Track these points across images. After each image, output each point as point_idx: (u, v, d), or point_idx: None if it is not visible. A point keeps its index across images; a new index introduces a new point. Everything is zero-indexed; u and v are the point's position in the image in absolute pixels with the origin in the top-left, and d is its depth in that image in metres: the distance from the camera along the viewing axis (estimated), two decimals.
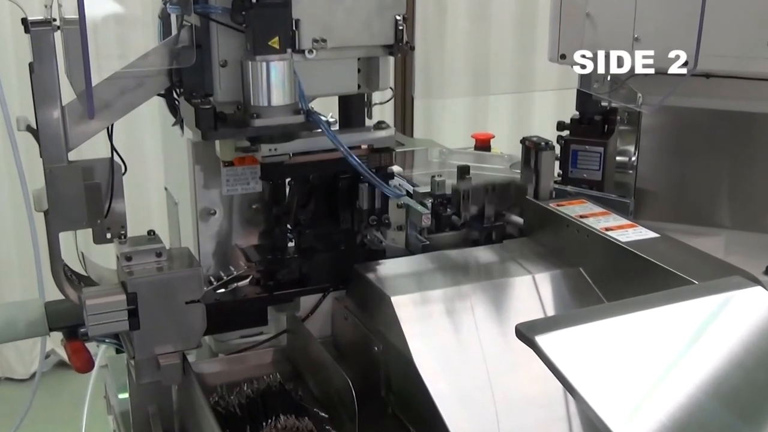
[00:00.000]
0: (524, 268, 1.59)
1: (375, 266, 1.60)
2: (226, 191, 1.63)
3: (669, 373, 1.08)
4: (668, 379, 1.07)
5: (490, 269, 1.62)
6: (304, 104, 1.44)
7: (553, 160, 1.77)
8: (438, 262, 1.63)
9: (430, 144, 2.29)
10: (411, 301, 1.46)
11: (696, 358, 1.10)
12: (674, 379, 1.07)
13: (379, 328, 1.49)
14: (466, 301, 1.48)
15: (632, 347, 1.10)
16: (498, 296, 1.51)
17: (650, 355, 1.09)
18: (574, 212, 1.67)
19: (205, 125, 1.40)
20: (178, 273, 1.41)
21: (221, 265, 1.66)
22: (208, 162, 1.61)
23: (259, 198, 1.66)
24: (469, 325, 1.45)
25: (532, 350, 1.07)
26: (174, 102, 1.56)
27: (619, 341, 1.11)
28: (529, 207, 1.76)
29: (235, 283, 1.60)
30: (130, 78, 1.42)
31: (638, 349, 1.10)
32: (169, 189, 1.88)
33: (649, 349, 1.10)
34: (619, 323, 1.13)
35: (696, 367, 1.09)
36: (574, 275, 1.56)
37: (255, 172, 1.62)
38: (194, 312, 1.41)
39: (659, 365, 1.08)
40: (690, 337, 1.13)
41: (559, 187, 1.83)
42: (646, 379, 1.06)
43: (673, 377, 1.07)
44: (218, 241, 1.66)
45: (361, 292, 1.57)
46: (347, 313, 1.59)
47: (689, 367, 1.09)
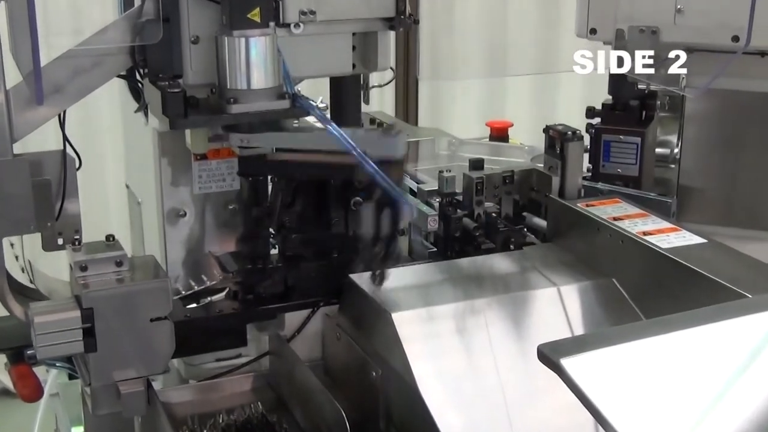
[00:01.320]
0: (548, 279, 1.59)
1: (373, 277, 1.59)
2: (198, 189, 1.64)
3: (716, 403, 1.08)
4: (715, 410, 1.07)
5: (507, 280, 1.62)
6: (289, 87, 1.44)
7: (581, 152, 1.78)
8: (446, 271, 1.64)
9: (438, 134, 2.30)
10: (415, 318, 1.46)
11: (748, 386, 1.09)
12: (722, 410, 1.07)
13: (377, 350, 1.49)
14: (480, 317, 1.48)
15: (673, 372, 1.10)
16: (517, 312, 1.51)
17: (694, 382, 1.10)
18: (607, 213, 1.67)
19: (174, 112, 1.40)
20: (141, 285, 1.42)
21: (192, 276, 1.67)
22: (176, 155, 1.62)
23: (237, 197, 1.66)
24: (483, 347, 1.45)
25: (557, 375, 1.07)
26: (137, 85, 1.56)
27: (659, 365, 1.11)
28: (553, 207, 1.76)
29: (208, 296, 1.61)
30: (86, 57, 1.42)
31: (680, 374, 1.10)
32: (131, 187, 1.90)
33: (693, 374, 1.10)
34: (659, 344, 1.13)
35: (748, 397, 1.08)
36: (607, 287, 1.57)
37: (232, 167, 1.63)
38: (161, 331, 1.42)
39: (705, 394, 1.09)
40: (742, 360, 1.12)
41: (588, 184, 1.84)
42: (690, 409, 1.07)
43: (720, 408, 1.07)
44: (189, 248, 1.67)
45: (357, 307, 1.57)
46: (340, 331, 1.59)
47: (740, 396, 1.08)
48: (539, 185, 1.82)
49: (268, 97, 1.43)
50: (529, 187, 1.84)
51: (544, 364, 1.09)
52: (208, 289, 1.62)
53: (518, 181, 1.82)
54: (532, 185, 1.83)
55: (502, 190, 1.81)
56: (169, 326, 1.43)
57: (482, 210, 1.77)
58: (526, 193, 1.84)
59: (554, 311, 1.53)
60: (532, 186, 1.83)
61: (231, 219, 1.68)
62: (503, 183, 1.80)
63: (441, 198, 1.75)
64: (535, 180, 1.83)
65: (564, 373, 1.06)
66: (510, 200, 1.82)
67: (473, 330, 1.47)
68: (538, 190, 1.82)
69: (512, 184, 1.81)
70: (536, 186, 1.83)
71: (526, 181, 1.83)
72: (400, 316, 1.45)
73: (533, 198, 1.84)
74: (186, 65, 1.46)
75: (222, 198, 1.66)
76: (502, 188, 1.81)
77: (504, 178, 1.80)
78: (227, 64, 1.41)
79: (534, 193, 1.83)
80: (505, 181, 1.81)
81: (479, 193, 1.76)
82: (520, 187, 1.83)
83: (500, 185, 1.80)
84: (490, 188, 1.79)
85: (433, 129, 2.45)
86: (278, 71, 1.43)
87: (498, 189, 1.81)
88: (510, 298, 1.53)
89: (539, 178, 1.82)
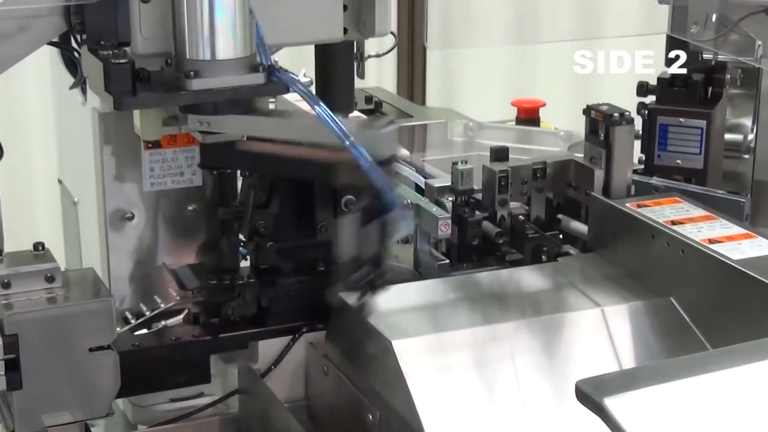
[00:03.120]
0: (589, 299, 1.60)
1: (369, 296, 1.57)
2: (150, 185, 1.64)
3: None
4: None
5: (538, 300, 1.62)
6: (264, 57, 1.44)
7: (632, 138, 1.78)
8: (462, 289, 1.64)
9: (450, 115, 2.30)
10: (422, 348, 1.46)
11: None
12: None
13: (374, 388, 1.49)
14: (504, 347, 1.48)
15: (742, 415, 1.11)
16: (550, 340, 1.51)
17: None
18: (663, 216, 1.67)
19: (119, 88, 1.40)
20: (78, 306, 1.42)
21: (142, 295, 1.67)
22: (122, 142, 1.62)
23: (199, 196, 1.67)
24: (507, 383, 1.45)
25: (600, 418, 1.08)
26: (72, 55, 1.56)
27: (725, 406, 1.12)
28: (596, 208, 1.76)
29: (162, 320, 1.61)
30: (8, 20, 1.42)
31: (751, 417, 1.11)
32: (64, 182, 1.90)
33: None
34: (724, 380, 1.14)
35: None
36: (663, 309, 1.57)
37: (192, 158, 1.64)
38: (103, 363, 1.42)
39: None
40: None
41: (640, 178, 1.84)
42: None
43: None
44: (138, 260, 1.67)
45: (349, 333, 1.57)
46: (328, 364, 1.59)
47: None
48: (578, 180, 1.81)
49: (238, 69, 1.43)
50: (566, 182, 1.83)
51: (584, 405, 1.09)
52: (162, 312, 1.62)
53: (552, 175, 1.82)
54: (569, 180, 1.83)
55: (532, 186, 1.81)
56: (113, 358, 1.43)
57: (507, 212, 1.77)
58: (561, 190, 1.84)
59: (597, 339, 1.53)
60: (570, 181, 1.83)
61: (191, 223, 1.68)
62: (533, 177, 1.80)
63: (455, 196, 1.75)
64: (573, 174, 1.82)
65: (608, 415, 1.06)
66: (542, 199, 1.82)
67: (495, 362, 1.47)
68: (576, 187, 1.82)
69: (544, 178, 1.81)
70: (574, 182, 1.82)
71: (562, 175, 1.83)
72: (404, 345, 1.45)
73: (571, 197, 1.84)
74: (134, 30, 1.46)
75: (180, 197, 1.67)
76: (532, 184, 1.81)
77: (534, 172, 1.80)
78: (186, 29, 1.42)
79: (572, 191, 1.83)
80: (535, 176, 1.80)
81: (503, 191, 1.76)
82: (555, 183, 1.83)
83: (529, 180, 1.80)
84: (516, 184, 1.79)
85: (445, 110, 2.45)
86: (250, 37, 1.43)
87: (527, 185, 1.81)
88: (541, 322, 1.53)
89: (578, 172, 1.81)
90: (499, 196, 1.76)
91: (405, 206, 1.55)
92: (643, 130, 1.96)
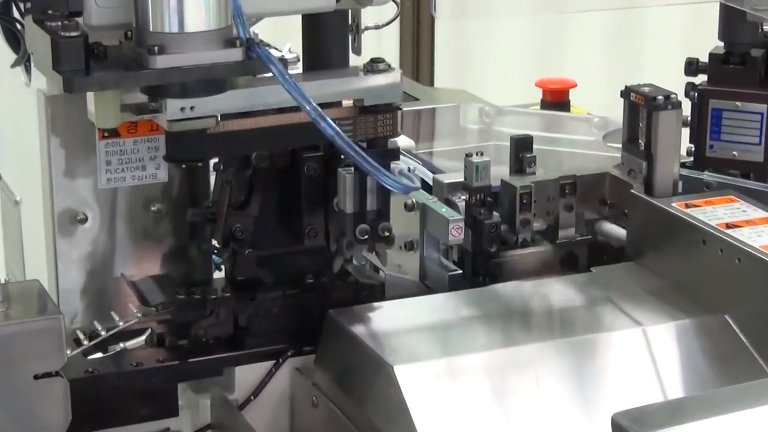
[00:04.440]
0: (628, 316, 1.60)
1: (366, 313, 1.61)
2: (106, 181, 1.64)
3: None
4: None
5: (568, 317, 1.63)
6: (242, 30, 1.44)
7: (678, 125, 1.78)
8: (476, 304, 1.65)
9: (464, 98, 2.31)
10: (428, 374, 1.47)
11: None
12: None
13: (372, 421, 1.49)
14: (528, 373, 1.49)
15: None
16: (582, 365, 1.52)
17: None
18: (717, 218, 1.68)
19: (70, 66, 1.40)
20: (21, 325, 1.42)
21: (97, 312, 1.67)
22: (73, 131, 1.62)
23: (164, 194, 1.67)
24: (530, 416, 1.45)
25: None
26: (14, 26, 1.57)
27: None
28: (637, 209, 1.77)
29: (120, 342, 1.60)
30: None
31: None
32: (4, 178, 1.90)
33: None
34: None
35: None
36: (715, 328, 1.58)
37: (156, 149, 1.64)
38: (50, 393, 1.42)
39: None
40: None
41: (689, 173, 1.85)
42: None
43: None
44: (91, 269, 1.68)
45: (342, 357, 1.57)
46: (317, 394, 1.60)
47: None
48: (615, 198, 1.82)
49: (211, 44, 1.43)
50: (600, 200, 1.84)
51: None
52: (121, 332, 1.61)
53: (583, 191, 1.83)
54: (604, 197, 1.83)
55: (560, 204, 1.81)
56: (63, 386, 1.44)
57: (530, 234, 1.79)
58: (594, 207, 1.85)
59: (637, 364, 1.53)
60: (605, 198, 1.83)
61: (155, 227, 1.68)
62: (561, 194, 1.81)
63: (468, 195, 1.75)
64: (608, 190, 1.83)
65: None
66: (571, 217, 1.83)
67: (516, 391, 1.47)
68: (612, 205, 1.82)
69: (574, 195, 1.81)
70: (610, 199, 1.83)
71: (596, 191, 1.84)
72: (407, 372, 1.45)
73: (606, 216, 1.86)
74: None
75: (141, 195, 1.67)
76: (560, 201, 1.81)
77: (562, 188, 1.81)
78: None
79: (607, 210, 1.85)
80: (563, 192, 1.81)
81: (525, 209, 1.77)
82: (586, 198, 1.84)
83: (556, 197, 1.81)
84: (541, 201, 1.79)
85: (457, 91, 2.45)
86: (226, 7, 1.43)
87: (553, 202, 1.81)
88: (571, 343, 1.54)
89: (615, 188, 1.82)
90: (521, 217, 1.77)
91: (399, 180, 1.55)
92: (692, 115, 1.97)
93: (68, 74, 1.39)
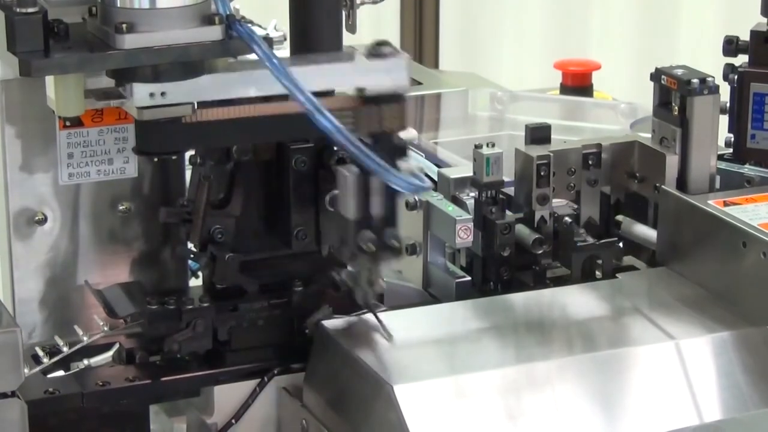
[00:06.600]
0: (659, 329, 1.59)
1: (362, 326, 1.60)
2: (68, 177, 1.63)
3: None
4: None
5: (591, 330, 1.61)
6: (222, 5, 1.44)
7: (716, 113, 1.76)
8: (487, 315, 1.64)
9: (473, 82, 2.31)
10: (432, 395, 1.45)
11: None
12: None
13: None
14: (545, 393, 1.48)
15: None
16: (606, 383, 1.51)
17: None
18: (759, 218, 1.66)
19: (27, 47, 1.39)
20: None
21: (58, 325, 1.66)
22: (31, 120, 1.62)
23: (134, 191, 1.66)
24: None
25: None
26: None
27: None
28: (668, 207, 1.75)
29: (85, 359, 1.58)
30: None
31: None
32: None
33: None
34: None
35: None
36: (758, 341, 1.56)
37: (124, 140, 1.63)
38: (6, 416, 1.41)
39: None
40: None
41: (727, 167, 1.83)
42: None
43: None
44: (51, 277, 1.66)
45: (335, 376, 1.56)
46: (307, 417, 1.58)
47: None
48: (645, 170, 1.80)
49: (186, 21, 1.42)
50: (628, 172, 1.83)
51: None
52: (85, 347, 1.59)
53: (609, 163, 1.82)
54: (632, 170, 1.82)
55: (583, 177, 1.80)
56: (20, 408, 1.42)
57: (548, 212, 1.75)
58: (622, 182, 1.84)
59: (669, 381, 1.52)
60: (633, 171, 1.82)
61: (123, 228, 1.67)
62: (584, 166, 1.80)
63: (478, 191, 1.73)
64: (637, 161, 1.82)
65: None
66: (596, 194, 1.82)
67: (532, 413, 1.46)
68: (642, 179, 1.80)
69: (599, 167, 1.80)
70: (639, 171, 1.81)
71: (623, 162, 1.83)
72: (408, 391, 1.44)
73: (635, 192, 1.83)
74: None
75: (108, 192, 1.66)
76: (583, 174, 1.80)
77: (585, 158, 1.80)
78: None
79: (636, 184, 1.82)
80: (587, 163, 1.80)
81: (543, 183, 1.74)
82: (613, 174, 1.83)
83: (579, 169, 1.80)
84: (561, 174, 1.78)
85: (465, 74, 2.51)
86: None
87: (575, 176, 1.79)
88: (595, 359, 1.53)
89: (645, 158, 1.81)
90: (538, 191, 1.75)
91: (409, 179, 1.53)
92: (731, 101, 1.94)
93: (25, 56, 1.39)
